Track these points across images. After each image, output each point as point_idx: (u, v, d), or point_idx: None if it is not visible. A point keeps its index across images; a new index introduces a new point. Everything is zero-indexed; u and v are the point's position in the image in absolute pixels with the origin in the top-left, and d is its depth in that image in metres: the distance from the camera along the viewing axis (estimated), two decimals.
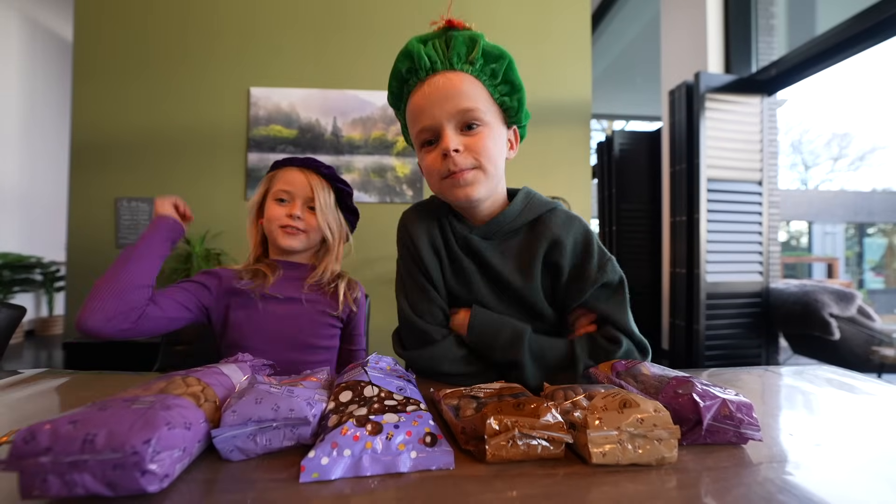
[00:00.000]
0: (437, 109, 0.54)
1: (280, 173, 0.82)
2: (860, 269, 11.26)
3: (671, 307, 2.51)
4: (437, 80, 0.55)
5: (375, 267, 2.15)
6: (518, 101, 0.59)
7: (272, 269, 0.80)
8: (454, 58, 0.54)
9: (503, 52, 0.56)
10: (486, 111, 0.56)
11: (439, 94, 0.54)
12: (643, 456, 0.34)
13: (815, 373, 0.66)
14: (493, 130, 0.57)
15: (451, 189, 0.57)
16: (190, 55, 2.23)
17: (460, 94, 0.54)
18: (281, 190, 0.80)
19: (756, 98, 2.36)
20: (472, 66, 0.55)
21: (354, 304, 0.85)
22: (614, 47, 4.29)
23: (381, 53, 2.30)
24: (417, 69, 0.55)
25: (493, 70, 0.56)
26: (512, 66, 0.57)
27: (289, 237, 0.79)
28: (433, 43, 0.55)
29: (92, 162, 2.17)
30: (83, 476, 0.27)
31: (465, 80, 0.55)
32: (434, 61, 0.54)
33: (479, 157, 0.55)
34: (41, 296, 4.07)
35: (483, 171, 0.56)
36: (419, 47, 0.54)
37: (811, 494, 0.30)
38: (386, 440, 0.33)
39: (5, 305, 0.82)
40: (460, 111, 0.54)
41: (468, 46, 0.55)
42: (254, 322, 0.77)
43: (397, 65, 0.57)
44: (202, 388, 0.38)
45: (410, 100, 0.58)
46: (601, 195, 3.45)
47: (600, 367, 0.52)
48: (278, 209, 0.80)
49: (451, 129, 0.55)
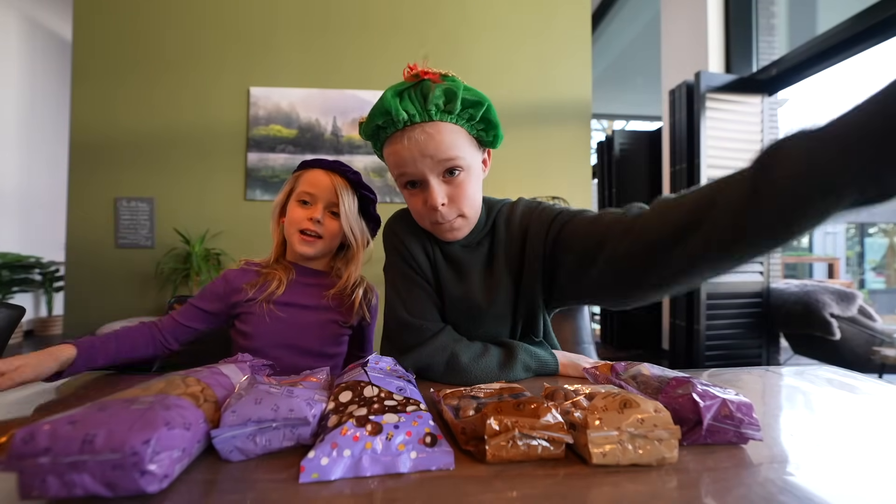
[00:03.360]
0: (420, 163, 0.56)
1: (306, 174, 0.80)
2: (861, 269, 11.26)
3: (671, 307, 2.51)
4: (417, 133, 0.55)
5: (375, 267, 2.14)
6: (494, 136, 0.61)
7: (286, 273, 0.79)
8: (432, 109, 0.54)
9: (481, 97, 0.57)
10: (465, 153, 0.57)
11: (419, 148, 0.55)
12: (643, 456, 0.34)
13: (816, 373, 0.66)
14: (472, 171, 0.59)
15: (439, 232, 0.62)
16: (190, 55, 2.23)
17: (440, 145, 0.55)
18: (305, 192, 0.78)
19: (757, 98, 2.36)
20: (450, 115, 0.56)
21: (368, 312, 0.84)
22: (614, 47, 4.29)
23: (381, 53, 2.30)
24: (395, 122, 0.55)
25: (470, 114, 0.57)
26: (490, 109, 0.58)
27: (305, 244, 0.78)
28: (409, 94, 0.55)
29: (91, 162, 2.17)
30: (82, 476, 0.27)
31: (444, 130, 0.56)
32: (412, 114, 0.54)
33: (462, 207, 0.59)
34: (40, 296, 4.07)
35: (466, 218, 0.61)
36: (395, 103, 0.54)
37: (812, 495, 0.30)
38: (386, 440, 0.33)
39: (4, 305, 0.82)
40: (442, 161, 0.56)
41: (446, 97, 0.55)
42: (263, 330, 0.76)
43: (373, 117, 0.56)
44: (202, 388, 0.38)
45: (388, 145, 0.58)
46: (601, 195, 3.45)
47: (600, 367, 0.52)
48: (300, 211, 0.78)
49: (435, 180, 0.57)
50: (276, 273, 0.79)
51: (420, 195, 0.59)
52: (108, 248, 2.17)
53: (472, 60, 2.33)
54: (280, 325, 0.76)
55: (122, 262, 2.18)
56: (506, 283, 0.63)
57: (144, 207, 2.18)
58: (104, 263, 2.16)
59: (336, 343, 0.82)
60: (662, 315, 2.79)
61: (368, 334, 0.88)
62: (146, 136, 2.20)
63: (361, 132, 0.61)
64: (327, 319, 0.80)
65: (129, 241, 2.18)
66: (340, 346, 0.83)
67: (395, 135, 0.56)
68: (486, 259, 0.65)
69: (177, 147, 2.22)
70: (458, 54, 2.32)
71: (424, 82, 0.55)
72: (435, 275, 0.65)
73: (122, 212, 2.18)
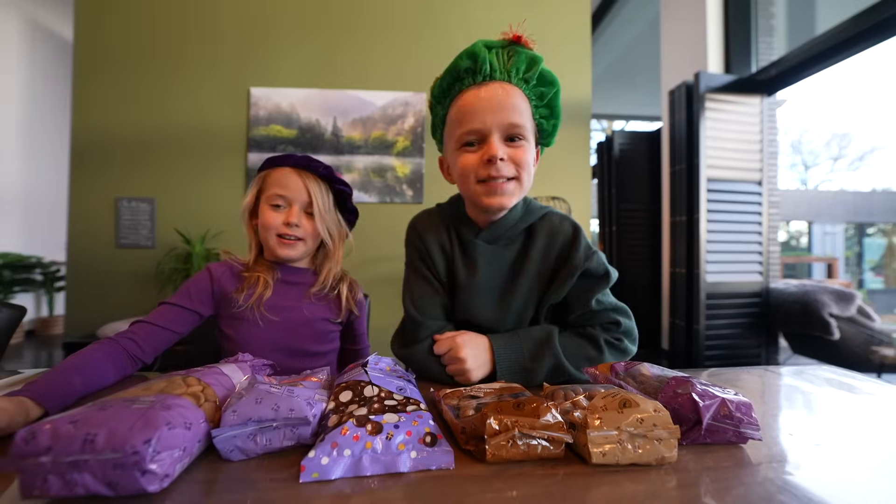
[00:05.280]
0: (490, 117, 0.56)
1: (274, 174, 0.75)
2: (860, 269, 11.26)
3: (671, 307, 2.51)
4: (495, 88, 0.57)
5: (376, 267, 2.15)
6: (553, 127, 0.63)
7: (271, 274, 0.76)
8: (513, 71, 0.57)
9: (555, 79, 0.60)
10: (528, 129, 0.59)
11: (494, 102, 0.56)
12: (643, 456, 0.34)
13: (815, 373, 0.66)
14: (530, 147, 0.60)
15: (487, 195, 0.59)
16: (190, 55, 2.23)
17: (513, 107, 0.57)
18: (276, 195, 0.73)
19: (756, 98, 2.36)
20: (525, 84, 0.58)
21: (356, 306, 0.83)
22: (614, 47, 4.29)
23: (381, 53, 2.30)
24: (476, 71, 0.57)
25: (542, 93, 0.60)
26: (558, 94, 0.60)
27: (286, 248, 0.74)
28: (497, 52, 0.57)
29: (92, 162, 2.17)
30: (83, 476, 0.27)
31: (517, 95, 0.58)
32: (494, 69, 0.57)
33: (520, 168, 0.59)
34: (41, 296, 4.07)
35: (520, 183, 0.60)
36: (484, 52, 0.57)
37: (811, 494, 0.30)
38: (386, 440, 0.33)
39: (5, 305, 0.82)
40: (510, 124, 0.57)
41: (528, 64, 0.58)
42: (254, 336, 0.73)
43: (458, 61, 0.58)
44: (202, 387, 0.38)
45: (461, 98, 0.59)
46: (601, 195, 3.45)
47: (599, 367, 0.52)
48: (274, 216, 0.73)
49: (498, 138, 0.57)
50: (261, 275, 0.74)
51: (477, 151, 0.58)
52: (109, 248, 2.17)
53: None
54: (270, 329, 0.74)
55: (122, 262, 2.17)
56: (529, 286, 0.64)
57: (145, 207, 2.18)
58: (105, 263, 2.16)
59: (328, 341, 0.81)
60: (662, 315, 2.79)
61: (359, 327, 0.87)
62: (147, 136, 2.20)
63: (434, 89, 0.62)
64: (316, 318, 0.78)
65: (129, 241, 2.18)
66: (332, 343, 0.82)
67: (471, 89, 0.58)
68: (516, 259, 0.65)
69: (178, 147, 2.21)
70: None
71: (515, 46, 0.57)
72: (451, 267, 0.66)
73: (122, 212, 2.18)
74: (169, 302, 0.70)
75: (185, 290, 0.72)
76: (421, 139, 2.26)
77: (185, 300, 0.70)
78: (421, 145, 2.26)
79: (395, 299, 0.67)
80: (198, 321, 0.72)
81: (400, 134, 2.27)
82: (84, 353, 0.55)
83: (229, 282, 0.75)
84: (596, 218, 3.61)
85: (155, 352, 0.65)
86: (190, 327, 0.71)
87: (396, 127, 2.27)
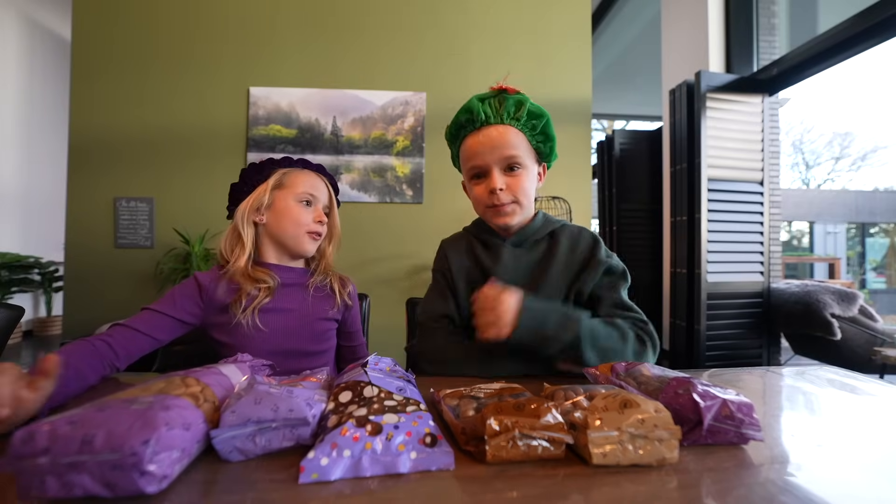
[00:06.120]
0: (489, 155, 0.69)
1: (300, 175, 0.79)
2: (862, 269, 11.25)
3: (672, 307, 2.51)
4: (490, 131, 0.69)
5: (375, 267, 2.15)
6: (550, 148, 0.74)
7: (272, 278, 0.75)
8: (504, 114, 0.69)
9: (543, 111, 0.71)
10: (525, 156, 0.70)
11: (491, 142, 0.69)
12: (644, 456, 0.33)
13: (817, 373, 0.66)
14: (529, 171, 0.71)
15: (493, 217, 0.72)
16: (189, 55, 2.23)
17: (507, 143, 0.68)
18: (307, 193, 0.78)
19: (757, 97, 2.35)
20: (517, 122, 0.69)
21: (349, 298, 0.84)
22: (614, 47, 4.29)
23: (381, 53, 2.30)
24: (474, 121, 0.70)
25: (533, 124, 0.71)
26: (549, 122, 0.72)
27: (314, 243, 0.80)
28: (489, 102, 0.70)
29: (90, 162, 2.17)
30: (81, 477, 0.27)
31: (511, 132, 0.69)
32: (489, 115, 0.69)
33: (517, 194, 0.70)
34: (39, 296, 4.07)
35: (519, 205, 0.71)
36: (478, 105, 0.69)
37: (813, 495, 0.30)
38: (386, 441, 0.33)
39: (3, 306, 0.82)
40: (506, 157, 0.69)
41: (516, 107, 0.69)
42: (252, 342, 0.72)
43: (459, 115, 0.72)
44: (201, 388, 0.38)
45: (465, 142, 0.72)
46: (601, 195, 3.44)
47: (600, 368, 0.52)
48: (306, 213, 0.78)
49: (498, 171, 0.69)
50: (258, 282, 0.73)
51: (483, 183, 0.70)
52: (107, 248, 2.17)
53: (472, 60, 2.33)
54: (268, 333, 0.73)
55: (121, 262, 2.17)
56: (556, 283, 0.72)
57: (144, 207, 2.18)
58: (103, 263, 2.16)
59: (325, 339, 0.81)
60: (663, 315, 2.79)
61: (353, 324, 0.87)
62: (146, 135, 2.20)
63: (446, 134, 0.77)
64: (315, 316, 0.78)
65: (128, 241, 2.18)
66: (330, 342, 0.83)
67: (473, 133, 0.71)
68: (542, 257, 0.74)
69: (176, 147, 2.21)
70: (458, 54, 2.32)
71: (502, 94, 0.70)
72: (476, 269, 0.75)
73: (121, 212, 2.17)
74: (152, 308, 0.68)
75: (169, 298, 0.70)
76: (421, 139, 2.26)
77: (169, 308, 0.69)
78: (421, 145, 2.26)
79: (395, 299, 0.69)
80: (181, 329, 0.71)
81: (400, 134, 2.27)
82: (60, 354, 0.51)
83: (220, 290, 0.73)
84: (596, 218, 3.61)
85: (130, 358, 0.63)
86: (172, 335, 0.69)
87: (396, 126, 2.27)
